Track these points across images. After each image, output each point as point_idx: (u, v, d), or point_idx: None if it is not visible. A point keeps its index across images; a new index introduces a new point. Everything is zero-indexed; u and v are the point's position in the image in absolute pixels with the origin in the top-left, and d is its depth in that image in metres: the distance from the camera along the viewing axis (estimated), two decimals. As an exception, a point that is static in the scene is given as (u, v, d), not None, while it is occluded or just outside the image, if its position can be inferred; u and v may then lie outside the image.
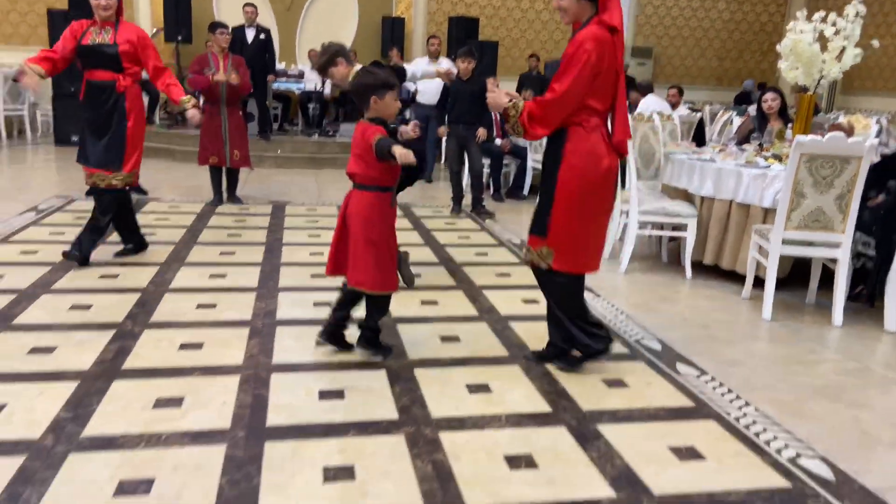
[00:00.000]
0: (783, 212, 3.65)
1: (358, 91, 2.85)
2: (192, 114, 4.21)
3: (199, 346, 3.05)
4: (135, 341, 3.06)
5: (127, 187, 4.19)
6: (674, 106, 8.01)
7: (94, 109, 4.03)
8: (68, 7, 9.51)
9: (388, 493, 2.06)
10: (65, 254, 4.05)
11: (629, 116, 3.14)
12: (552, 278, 2.87)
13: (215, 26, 5.96)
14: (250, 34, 8.23)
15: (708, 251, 4.52)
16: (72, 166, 7.44)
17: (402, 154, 2.64)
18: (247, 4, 8.60)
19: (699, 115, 7.47)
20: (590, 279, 4.36)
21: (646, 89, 7.87)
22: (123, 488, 2.01)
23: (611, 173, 2.77)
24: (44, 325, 3.18)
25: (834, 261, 3.80)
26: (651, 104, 7.27)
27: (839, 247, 3.71)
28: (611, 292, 4.17)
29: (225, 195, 6.18)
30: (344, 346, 3.06)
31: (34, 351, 2.89)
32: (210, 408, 2.51)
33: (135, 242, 4.42)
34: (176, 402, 2.54)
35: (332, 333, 3.04)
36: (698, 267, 4.61)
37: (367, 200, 2.84)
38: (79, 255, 4.04)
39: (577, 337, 2.91)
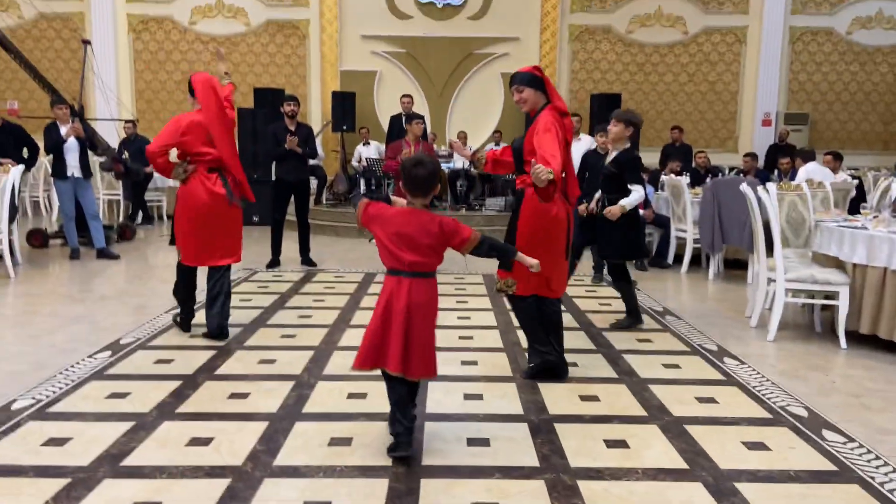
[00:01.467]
0: (941, 278, 3.52)
1: (433, 176, 2.77)
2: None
3: (363, 395, 3.47)
4: (311, 390, 3.54)
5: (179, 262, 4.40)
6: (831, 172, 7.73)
7: None
8: (253, 105, 11.03)
9: (530, 528, 2.29)
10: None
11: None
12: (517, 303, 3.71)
13: (411, 118, 6.75)
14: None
15: (864, 320, 4.36)
16: (254, 243, 8.49)
17: (535, 264, 2.94)
18: (404, 96, 9.55)
19: (857, 181, 7.16)
20: (736, 347, 4.39)
21: (807, 156, 7.63)
22: (307, 507, 2.40)
23: (559, 220, 3.57)
24: (239, 375, 3.77)
25: None
26: (812, 171, 7.08)
27: None
28: (757, 360, 4.14)
29: None
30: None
31: (233, 396, 3.45)
32: (373, 447, 2.88)
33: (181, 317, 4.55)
34: (346, 441, 2.94)
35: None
36: (854, 336, 4.45)
37: (433, 288, 2.83)
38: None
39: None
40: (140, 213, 10.27)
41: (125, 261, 7.26)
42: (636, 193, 4.63)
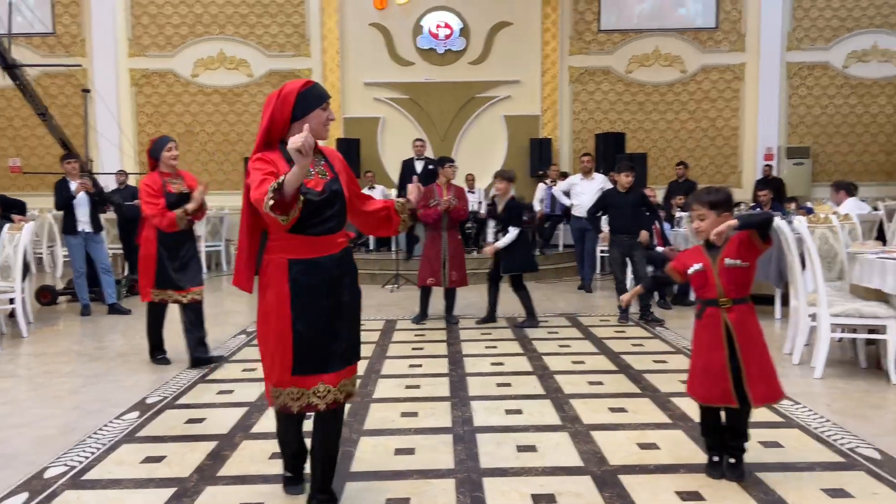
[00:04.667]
0: None
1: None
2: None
3: (411, 451, 3.30)
4: (355, 447, 3.36)
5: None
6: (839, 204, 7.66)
7: None
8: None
9: None
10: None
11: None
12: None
13: (444, 161, 6.57)
14: (419, 165, 9.05)
15: (914, 353, 4.24)
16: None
17: None
18: (416, 140, 9.55)
19: (881, 213, 7.11)
20: (784, 387, 4.22)
21: (850, 189, 7.40)
22: (378, 579, 2.22)
23: None
24: (275, 432, 3.58)
25: None
26: (850, 206, 6.91)
27: None
28: (810, 399, 3.99)
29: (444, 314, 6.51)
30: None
31: (274, 456, 3.25)
32: (434, 509, 2.71)
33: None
34: (404, 501, 2.76)
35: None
36: (904, 371, 4.31)
37: None
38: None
39: None
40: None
41: (136, 315, 7.07)
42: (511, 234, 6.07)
